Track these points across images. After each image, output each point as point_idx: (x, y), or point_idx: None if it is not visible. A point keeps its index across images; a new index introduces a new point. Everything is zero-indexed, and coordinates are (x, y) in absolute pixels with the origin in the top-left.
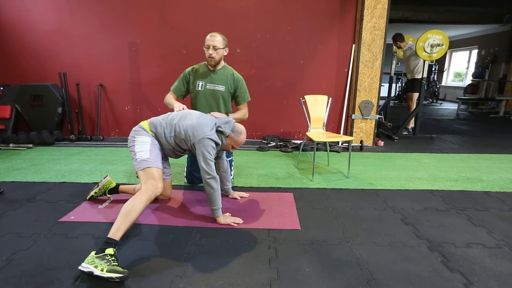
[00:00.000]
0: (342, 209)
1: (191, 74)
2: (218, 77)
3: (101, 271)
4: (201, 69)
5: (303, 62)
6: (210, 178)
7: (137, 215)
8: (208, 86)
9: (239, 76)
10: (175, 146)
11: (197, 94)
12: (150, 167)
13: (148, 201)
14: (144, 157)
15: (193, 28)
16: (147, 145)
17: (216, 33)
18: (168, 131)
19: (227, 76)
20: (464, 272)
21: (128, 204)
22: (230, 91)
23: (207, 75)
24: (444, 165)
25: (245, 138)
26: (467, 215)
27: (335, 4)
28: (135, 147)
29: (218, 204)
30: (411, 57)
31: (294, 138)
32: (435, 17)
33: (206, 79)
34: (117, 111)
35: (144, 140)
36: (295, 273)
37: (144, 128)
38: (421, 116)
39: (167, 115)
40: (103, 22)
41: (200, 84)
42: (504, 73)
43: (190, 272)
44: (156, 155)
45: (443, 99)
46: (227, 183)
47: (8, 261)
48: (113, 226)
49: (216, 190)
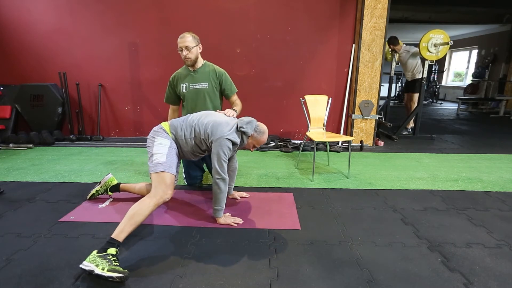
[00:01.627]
0: (342, 209)
1: (175, 79)
2: (199, 75)
3: (102, 270)
4: (183, 72)
5: (303, 62)
6: (220, 178)
7: (143, 219)
8: (191, 86)
9: (221, 70)
10: (195, 147)
11: (184, 96)
12: (164, 172)
13: (156, 206)
14: (160, 161)
15: (193, 28)
16: (165, 148)
17: (186, 33)
18: (188, 132)
19: (208, 73)
20: (464, 272)
21: (135, 206)
22: (215, 87)
23: (189, 76)
24: (444, 165)
25: (267, 137)
26: (467, 215)
27: (335, 4)
28: (153, 148)
29: (222, 205)
30: (409, 59)
31: (294, 138)
32: (435, 17)
33: (188, 80)
34: (117, 111)
35: (164, 142)
36: (295, 273)
37: (164, 130)
38: (421, 116)
39: (187, 117)
40: (103, 22)
41: (184, 86)
42: (504, 73)
43: (190, 272)
44: (172, 161)
45: (443, 99)
46: (231, 183)
47: (8, 261)
48: (118, 227)
49: (223, 191)
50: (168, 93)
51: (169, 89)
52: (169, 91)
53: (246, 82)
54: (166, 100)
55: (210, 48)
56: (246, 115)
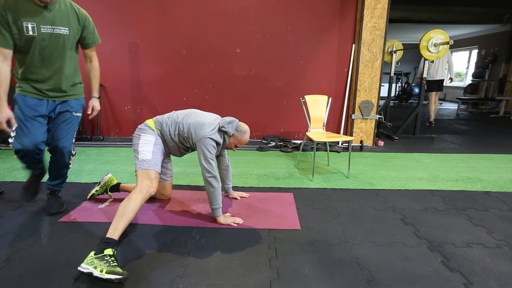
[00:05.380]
0: (342, 209)
1: (6, 9)
2: (56, 15)
3: (100, 272)
4: (23, 4)
5: (303, 62)
6: (211, 176)
7: (133, 214)
8: (43, 29)
9: (84, 11)
10: (179, 144)
11: (27, 42)
12: (150, 170)
13: (143, 200)
14: (145, 158)
15: (193, 28)
16: (150, 146)
17: None
18: (173, 129)
19: (67, 14)
20: (464, 272)
21: (124, 203)
22: (76, 34)
23: (38, 13)
24: (444, 165)
25: (248, 137)
26: (467, 215)
27: (335, 4)
28: (139, 145)
29: (219, 203)
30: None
31: (294, 138)
32: (435, 17)
33: (37, 19)
34: (117, 111)
35: (149, 139)
36: (295, 273)
37: (150, 127)
38: (421, 116)
39: (172, 113)
40: (103, 22)
41: (30, 27)
42: (504, 73)
43: (190, 272)
44: (157, 158)
45: (443, 99)
46: (228, 182)
47: (8, 261)
48: (111, 225)
49: (216, 189)
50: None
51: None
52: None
53: (246, 82)
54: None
55: (210, 48)
56: (246, 115)
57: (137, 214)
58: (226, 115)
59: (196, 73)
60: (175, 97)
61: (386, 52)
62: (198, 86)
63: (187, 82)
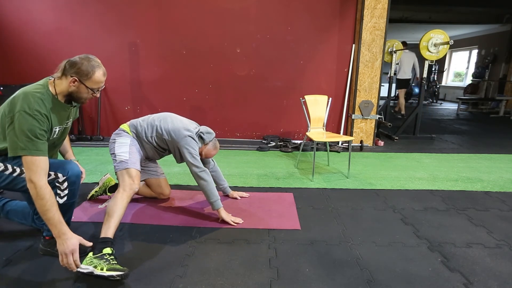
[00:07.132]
0: (342, 209)
1: (49, 119)
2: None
3: (101, 270)
4: (55, 107)
5: (303, 62)
6: (200, 171)
7: (123, 211)
8: (59, 128)
9: None
10: (156, 146)
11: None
12: (129, 168)
13: (129, 198)
14: (123, 159)
15: (193, 28)
16: (126, 146)
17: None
18: (150, 131)
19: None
20: (464, 272)
21: (111, 203)
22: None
23: (64, 115)
24: (444, 165)
25: (215, 154)
26: (467, 215)
27: (335, 4)
28: (115, 148)
29: (216, 195)
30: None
31: (294, 138)
32: (435, 17)
33: (61, 121)
34: (117, 111)
35: (124, 141)
36: (295, 273)
37: (124, 130)
38: (421, 116)
39: (148, 117)
40: (103, 22)
41: (57, 131)
42: (504, 73)
43: (190, 272)
44: (135, 157)
45: (443, 99)
46: (221, 182)
47: (8, 261)
48: (103, 226)
49: (209, 182)
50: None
51: (44, 133)
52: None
53: (246, 82)
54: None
55: (210, 48)
56: (246, 115)
57: (137, 214)
58: (226, 115)
59: (196, 73)
60: (175, 97)
61: (386, 52)
62: (198, 86)
63: (187, 82)
